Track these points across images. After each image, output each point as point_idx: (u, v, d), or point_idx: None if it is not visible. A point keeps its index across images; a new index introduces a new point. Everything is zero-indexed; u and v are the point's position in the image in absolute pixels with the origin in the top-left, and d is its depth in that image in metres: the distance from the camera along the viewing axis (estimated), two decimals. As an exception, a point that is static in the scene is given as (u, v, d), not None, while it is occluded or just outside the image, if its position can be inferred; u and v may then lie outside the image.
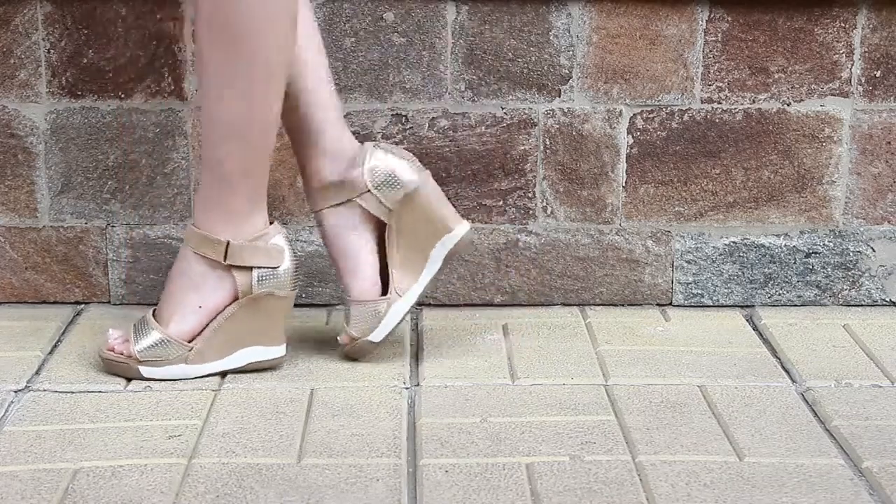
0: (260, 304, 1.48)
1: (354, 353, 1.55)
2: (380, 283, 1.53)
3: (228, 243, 1.45)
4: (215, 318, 1.47)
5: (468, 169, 1.72)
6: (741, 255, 1.75)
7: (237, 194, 1.44)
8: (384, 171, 1.51)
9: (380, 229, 1.53)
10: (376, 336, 1.52)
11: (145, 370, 1.47)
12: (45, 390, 1.46)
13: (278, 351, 1.51)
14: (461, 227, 1.53)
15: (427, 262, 1.52)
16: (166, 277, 1.51)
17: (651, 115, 1.71)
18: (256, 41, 1.39)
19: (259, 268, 1.47)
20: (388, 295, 1.51)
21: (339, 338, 1.54)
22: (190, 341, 1.47)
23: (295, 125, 1.51)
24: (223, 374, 1.50)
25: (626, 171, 1.73)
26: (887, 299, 1.77)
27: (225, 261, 1.46)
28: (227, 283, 1.47)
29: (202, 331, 1.47)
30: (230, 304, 1.47)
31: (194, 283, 1.47)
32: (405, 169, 1.52)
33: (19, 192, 1.71)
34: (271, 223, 1.48)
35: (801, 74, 1.70)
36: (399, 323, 1.52)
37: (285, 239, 1.49)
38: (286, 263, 1.48)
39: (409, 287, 1.52)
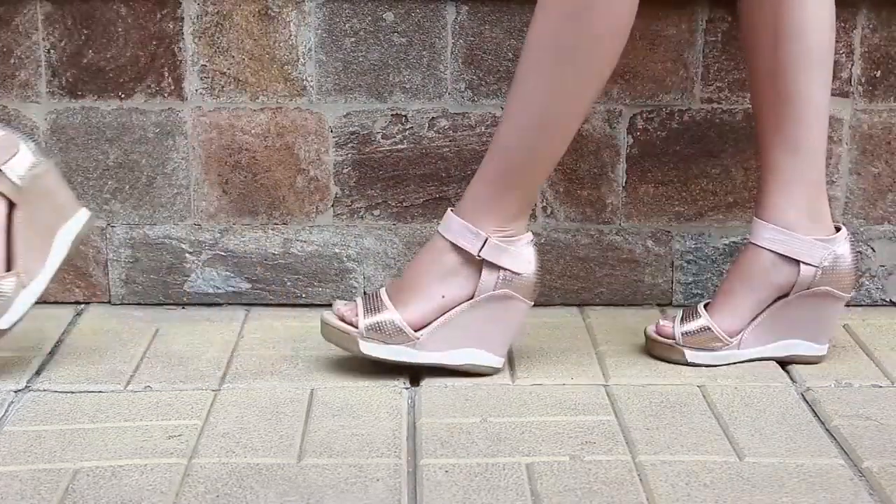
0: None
1: None
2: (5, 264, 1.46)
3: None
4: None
5: (468, 169, 1.71)
6: (741, 255, 1.75)
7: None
8: (11, 148, 1.45)
9: (8, 208, 1.45)
10: (4, 323, 1.44)
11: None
12: (45, 390, 1.46)
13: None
14: (84, 212, 1.48)
15: (53, 247, 1.46)
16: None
17: (651, 115, 1.71)
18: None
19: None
20: (11, 277, 1.43)
21: None
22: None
23: None
24: (223, 375, 1.50)
25: (626, 171, 1.73)
26: (887, 299, 1.77)
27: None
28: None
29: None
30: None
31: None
32: (31, 147, 1.46)
33: (19, 192, 1.71)
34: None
35: (801, 74, 1.70)
36: (28, 309, 1.44)
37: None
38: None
39: (37, 272, 1.45)
